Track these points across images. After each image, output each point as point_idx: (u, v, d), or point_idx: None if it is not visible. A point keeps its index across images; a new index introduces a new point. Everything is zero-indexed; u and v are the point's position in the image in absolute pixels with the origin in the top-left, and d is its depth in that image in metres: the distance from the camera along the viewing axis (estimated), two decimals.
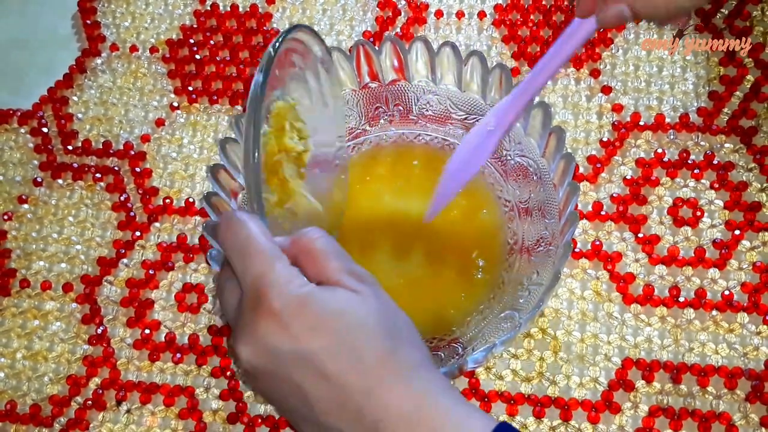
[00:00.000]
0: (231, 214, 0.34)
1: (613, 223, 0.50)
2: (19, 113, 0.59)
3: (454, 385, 0.34)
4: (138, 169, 0.56)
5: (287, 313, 0.31)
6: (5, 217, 0.55)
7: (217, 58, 0.59)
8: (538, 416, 0.46)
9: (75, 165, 0.56)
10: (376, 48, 0.47)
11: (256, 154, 0.35)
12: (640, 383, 0.46)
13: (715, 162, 0.51)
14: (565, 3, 0.54)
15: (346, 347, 0.31)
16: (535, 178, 0.46)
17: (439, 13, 0.58)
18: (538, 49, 0.56)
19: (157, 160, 0.56)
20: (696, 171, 0.51)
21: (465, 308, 0.46)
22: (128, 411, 0.49)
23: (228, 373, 0.49)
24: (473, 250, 0.47)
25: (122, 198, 0.55)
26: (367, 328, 0.32)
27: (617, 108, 0.54)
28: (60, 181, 0.56)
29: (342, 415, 0.32)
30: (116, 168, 0.56)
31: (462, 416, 0.31)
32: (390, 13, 0.59)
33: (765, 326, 0.47)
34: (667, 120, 0.53)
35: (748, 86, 0.53)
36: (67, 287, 0.53)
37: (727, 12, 0.55)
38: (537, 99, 0.47)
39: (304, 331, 0.31)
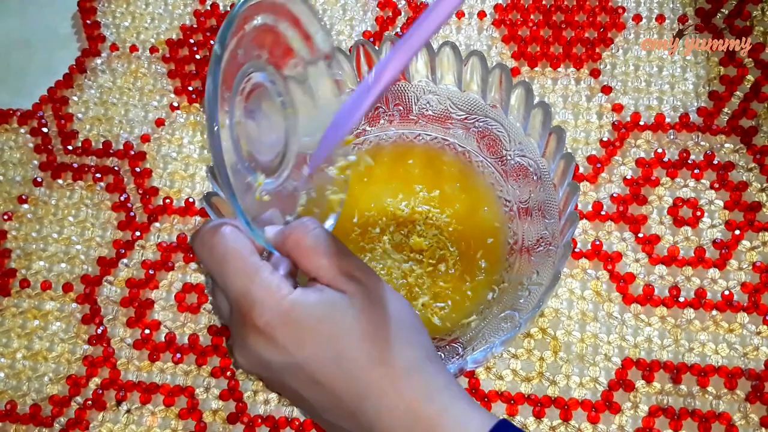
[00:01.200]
0: (204, 230, 0.33)
1: (613, 223, 0.50)
2: (19, 113, 0.59)
3: (455, 380, 0.33)
4: (138, 169, 0.56)
5: (272, 327, 0.31)
6: (5, 217, 0.55)
7: None
8: (538, 416, 0.46)
9: (75, 165, 0.56)
10: (376, 48, 0.47)
11: (215, 126, 0.30)
12: (640, 383, 0.46)
13: (715, 162, 0.51)
14: None
15: (332, 356, 0.31)
16: (535, 178, 0.46)
17: None
18: (538, 49, 0.56)
19: (157, 160, 0.56)
20: (696, 171, 0.51)
21: (465, 308, 0.46)
22: (128, 411, 0.49)
23: (228, 373, 0.49)
24: (475, 250, 0.47)
25: (122, 198, 0.55)
26: (352, 335, 0.31)
27: (617, 108, 0.54)
28: (60, 181, 0.56)
29: (340, 414, 0.32)
30: (116, 168, 0.56)
31: (457, 417, 0.31)
32: (390, 13, 0.59)
33: (765, 326, 0.47)
34: (667, 120, 0.53)
35: (748, 86, 0.53)
36: (67, 287, 0.53)
37: (727, 12, 0.55)
38: (537, 99, 0.47)
39: (290, 343, 0.31)
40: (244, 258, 0.32)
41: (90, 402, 0.49)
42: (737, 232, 0.49)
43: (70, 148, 0.57)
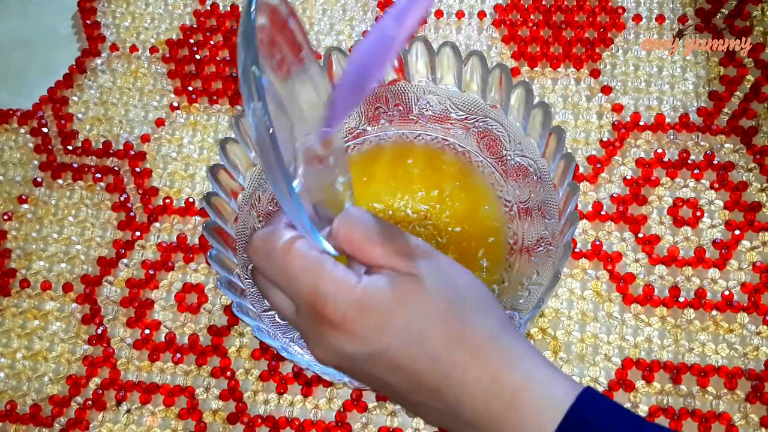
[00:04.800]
0: (257, 238, 0.33)
1: (613, 223, 0.50)
2: (19, 113, 0.59)
3: (533, 347, 0.33)
4: (138, 169, 0.56)
5: (349, 320, 0.30)
6: (5, 217, 0.55)
7: (217, 58, 0.59)
8: None
9: (75, 165, 0.56)
10: None
11: (270, 129, 0.28)
12: (640, 383, 0.46)
13: (715, 162, 0.51)
14: None
15: (412, 340, 0.31)
16: (535, 178, 0.46)
17: (439, 13, 0.58)
18: (538, 49, 0.56)
19: (157, 160, 0.56)
20: (696, 171, 0.51)
21: None
22: (128, 411, 0.49)
23: (228, 373, 0.49)
24: (475, 250, 0.47)
25: (122, 198, 0.55)
26: (428, 315, 0.31)
27: (617, 108, 0.54)
28: (60, 181, 0.56)
29: (424, 394, 0.32)
30: (116, 168, 0.56)
31: (542, 384, 0.31)
32: None
33: (765, 326, 0.47)
34: (667, 120, 0.53)
35: (748, 86, 0.53)
36: (67, 287, 0.53)
37: (727, 12, 0.55)
38: (537, 99, 0.47)
39: (370, 333, 0.31)
40: (306, 255, 0.31)
41: (90, 402, 0.49)
42: (737, 232, 0.49)
43: (70, 148, 0.57)
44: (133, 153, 0.56)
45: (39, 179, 0.56)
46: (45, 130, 0.58)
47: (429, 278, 0.31)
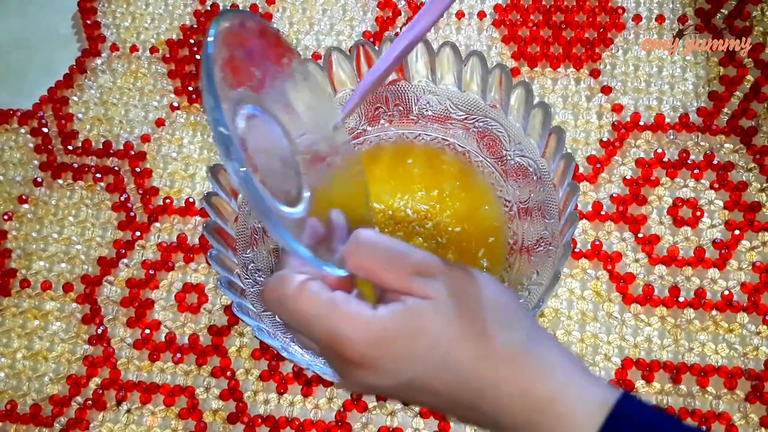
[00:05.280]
0: (266, 289, 0.33)
1: (613, 223, 0.50)
2: (19, 113, 0.59)
3: (568, 353, 0.32)
4: (138, 169, 0.56)
5: (370, 357, 0.30)
6: (5, 217, 0.55)
7: None
8: None
9: (75, 165, 0.56)
10: (376, 48, 0.47)
11: (243, 169, 0.29)
12: (640, 383, 0.46)
13: (714, 162, 0.51)
14: None
15: (437, 365, 0.31)
16: (535, 178, 0.46)
17: None
18: (538, 49, 0.56)
19: (157, 160, 0.56)
20: (696, 171, 0.51)
21: None
22: (128, 411, 0.49)
23: (228, 373, 0.49)
24: (476, 250, 0.47)
25: (122, 198, 0.55)
26: (450, 339, 0.31)
27: (617, 108, 0.54)
28: (60, 181, 0.56)
29: (462, 410, 0.32)
30: (116, 168, 0.56)
31: (577, 393, 0.31)
32: (390, 13, 0.59)
33: (765, 326, 0.47)
34: (667, 120, 0.53)
35: (748, 86, 0.53)
36: (68, 287, 0.53)
37: (726, 12, 0.55)
38: (537, 99, 0.47)
39: (393, 366, 0.31)
40: (315, 298, 0.31)
41: (90, 402, 0.49)
42: (737, 232, 0.49)
43: (70, 148, 0.57)
44: (133, 153, 0.56)
45: (39, 179, 0.56)
46: (45, 130, 0.58)
47: (446, 299, 0.31)
